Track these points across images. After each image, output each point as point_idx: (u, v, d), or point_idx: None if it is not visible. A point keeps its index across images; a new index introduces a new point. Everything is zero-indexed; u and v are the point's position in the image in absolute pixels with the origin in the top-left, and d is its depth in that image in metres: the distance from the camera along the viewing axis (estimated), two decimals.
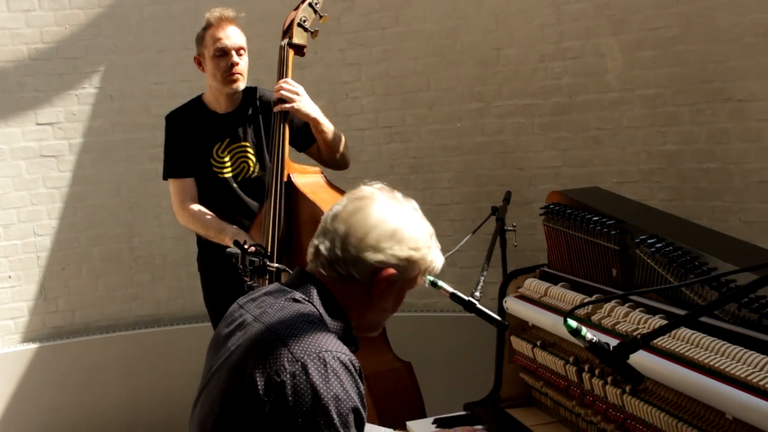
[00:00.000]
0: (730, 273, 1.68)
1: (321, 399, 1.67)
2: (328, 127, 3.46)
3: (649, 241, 2.23)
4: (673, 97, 3.92)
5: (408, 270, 1.92)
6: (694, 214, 3.68)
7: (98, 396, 4.60)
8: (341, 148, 3.52)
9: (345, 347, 1.80)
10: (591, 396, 2.32)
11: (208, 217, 3.43)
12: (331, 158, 3.54)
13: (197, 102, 3.60)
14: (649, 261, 2.24)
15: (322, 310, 1.87)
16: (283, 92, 3.35)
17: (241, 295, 2.90)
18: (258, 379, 1.71)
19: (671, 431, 1.95)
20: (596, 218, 2.47)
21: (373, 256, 1.87)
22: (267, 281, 3.05)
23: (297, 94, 3.36)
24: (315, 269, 1.94)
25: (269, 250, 3.24)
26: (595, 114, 4.15)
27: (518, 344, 2.67)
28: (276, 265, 2.90)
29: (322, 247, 1.91)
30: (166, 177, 3.58)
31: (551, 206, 2.71)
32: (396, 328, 3.68)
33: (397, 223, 1.89)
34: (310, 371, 1.69)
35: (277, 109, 3.38)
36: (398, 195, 1.99)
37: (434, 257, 1.97)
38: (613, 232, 2.38)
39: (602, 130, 4.14)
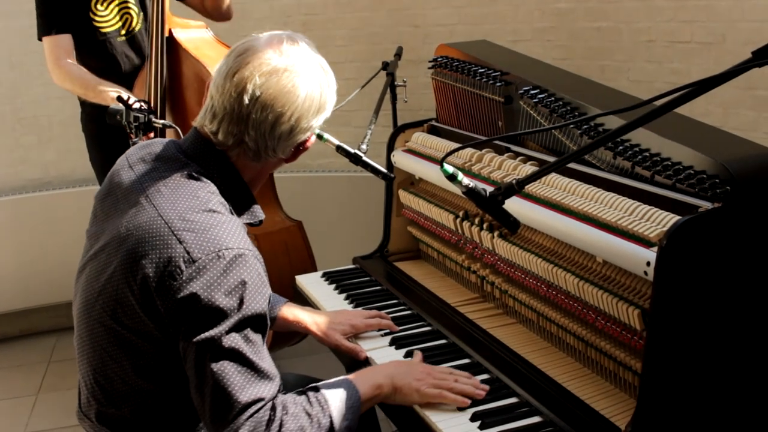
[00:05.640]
0: (596, 116, 1.71)
1: (220, 308, 1.58)
2: None
3: (532, 92, 2.24)
4: None
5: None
6: (584, 73, 3.67)
7: None
8: None
9: (245, 238, 1.68)
10: (471, 245, 2.37)
11: (87, 75, 3.21)
12: (216, 8, 3.38)
13: None
14: (531, 112, 2.26)
15: (221, 188, 1.76)
16: None
17: None
18: (151, 280, 1.61)
19: (547, 276, 2.02)
20: (482, 70, 2.47)
21: (302, 136, 1.80)
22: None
23: None
24: (225, 147, 1.77)
25: (153, 106, 3.14)
26: None
27: (405, 197, 2.69)
28: (162, 121, 2.82)
29: (247, 138, 1.74)
30: (40, 36, 3.27)
31: (439, 59, 2.68)
32: (288, 188, 3.68)
33: (322, 92, 1.80)
34: (208, 274, 1.58)
35: None
36: (302, 43, 1.83)
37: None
38: (498, 84, 2.38)
39: None
